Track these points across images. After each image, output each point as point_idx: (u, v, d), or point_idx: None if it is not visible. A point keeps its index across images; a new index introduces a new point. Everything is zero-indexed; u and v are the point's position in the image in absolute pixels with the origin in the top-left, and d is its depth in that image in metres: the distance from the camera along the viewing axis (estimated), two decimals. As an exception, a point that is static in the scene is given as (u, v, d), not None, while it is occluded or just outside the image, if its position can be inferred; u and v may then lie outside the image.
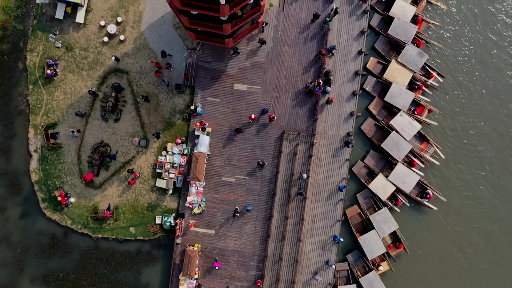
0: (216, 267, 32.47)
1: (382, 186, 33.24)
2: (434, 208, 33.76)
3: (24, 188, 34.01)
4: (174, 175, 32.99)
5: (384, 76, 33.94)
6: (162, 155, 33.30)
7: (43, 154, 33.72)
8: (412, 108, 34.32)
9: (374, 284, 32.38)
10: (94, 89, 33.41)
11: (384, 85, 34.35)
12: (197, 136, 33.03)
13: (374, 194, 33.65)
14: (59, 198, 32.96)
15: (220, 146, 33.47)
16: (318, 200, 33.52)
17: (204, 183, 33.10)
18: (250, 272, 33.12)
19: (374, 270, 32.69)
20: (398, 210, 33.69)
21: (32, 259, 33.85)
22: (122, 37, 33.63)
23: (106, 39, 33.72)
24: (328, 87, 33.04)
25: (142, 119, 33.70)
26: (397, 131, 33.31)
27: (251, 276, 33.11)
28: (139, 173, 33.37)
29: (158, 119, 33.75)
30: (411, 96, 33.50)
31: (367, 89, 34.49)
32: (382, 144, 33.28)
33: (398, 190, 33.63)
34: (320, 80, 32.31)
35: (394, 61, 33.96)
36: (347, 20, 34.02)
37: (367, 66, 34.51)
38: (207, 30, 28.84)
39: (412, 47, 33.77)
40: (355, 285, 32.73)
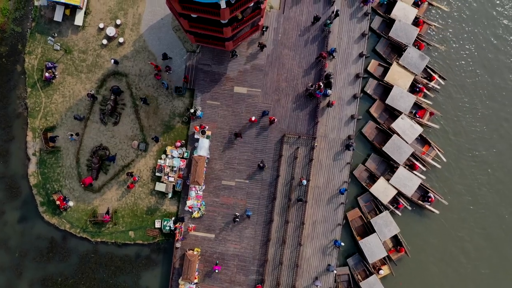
0: (216, 270, 32.65)
1: (383, 190, 33.43)
2: (436, 211, 33.94)
3: (23, 191, 34.23)
4: (173, 178, 33.20)
5: (385, 78, 34.12)
6: (161, 159, 33.51)
7: (41, 158, 33.96)
8: (413, 111, 34.48)
9: (375, 288, 32.62)
10: (93, 92, 33.62)
11: (385, 87, 34.53)
12: (196, 140, 33.22)
13: (375, 198, 33.85)
14: (58, 202, 33.17)
15: (220, 150, 33.71)
16: (318, 204, 33.75)
17: (203, 187, 33.33)
18: (250, 277, 33.33)
19: (375, 274, 32.89)
20: (399, 214, 33.86)
21: (30, 263, 34.06)
22: (121, 39, 33.88)
23: (105, 41, 33.95)
24: (328, 90, 33.26)
25: (142, 122, 33.94)
26: (398, 134, 33.49)
27: (251, 280, 33.31)
28: (138, 176, 33.61)
29: (157, 122, 33.99)
30: (412, 99, 33.69)
31: (368, 91, 34.67)
32: (383, 147, 33.47)
33: (399, 194, 33.79)
34: (321, 83, 32.52)
35: (395, 63, 34.16)
36: (348, 23, 34.25)
37: (368, 68, 34.71)
38: (207, 33, 29.08)
39: (414, 49, 33.96)
40: (356, 289, 33.03)
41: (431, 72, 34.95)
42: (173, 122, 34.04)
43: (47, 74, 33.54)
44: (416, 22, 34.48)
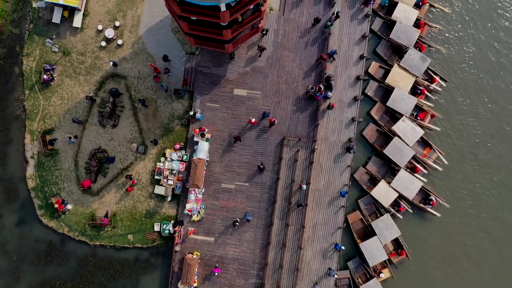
0: (215, 273, 32.85)
1: (384, 193, 33.64)
2: (438, 214, 34.13)
3: (21, 195, 34.37)
4: (172, 181, 33.40)
5: (386, 80, 34.35)
6: (160, 162, 33.72)
7: (39, 160, 34.17)
8: (414, 113, 34.69)
9: (375, 292, 32.86)
10: (92, 94, 33.80)
11: (386, 90, 34.76)
12: (196, 142, 33.40)
13: (376, 200, 34.09)
14: (56, 205, 33.32)
15: (220, 152, 33.94)
16: (319, 207, 33.99)
17: (203, 190, 33.55)
18: (250, 280, 33.55)
19: (376, 278, 33.11)
20: (401, 217, 34.07)
21: (28, 267, 34.22)
22: (120, 41, 34.08)
23: (103, 43, 34.15)
24: (329, 92, 33.48)
25: (140, 125, 34.15)
26: (399, 137, 33.70)
27: (251, 284, 33.52)
28: (137, 179, 33.84)
29: (156, 125, 34.20)
30: (413, 101, 33.92)
31: (369, 94, 34.89)
32: (384, 150, 33.68)
33: (400, 197, 34.00)
34: (321, 86, 32.74)
35: (396, 65, 34.38)
36: (348, 24, 34.48)
37: (369, 70, 34.93)
38: (207, 36, 29.31)
39: (415, 51, 34.19)
40: (357, 293, 33.27)
41: (432, 74, 35.17)
42: (172, 125, 34.27)
43: (45, 76, 33.72)
44: (417, 24, 34.67)
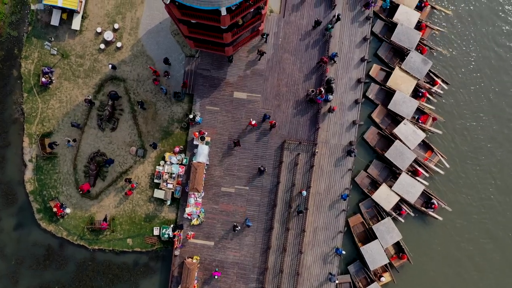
0: (215, 277, 33.04)
1: (385, 197, 33.82)
2: (440, 218, 34.31)
3: (19, 198, 34.62)
4: (172, 185, 33.62)
5: (387, 83, 34.52)
6: (160, 165, 33.94)
7: (38, 164, 34.40)
8: (416, 116, 34.87)
9: (376, 296, 33.09)
10: (90, 97, 34.04)
11: (387, 92, 34.95)
12: (195, 146, 33.61)
13: (377, 204, 34.28)
14: (55, 209, 33.54)
15: (219, 156, 34.16)
16: (319, 211, 34.20)
17: (203, 194, 33.77)
18: (250, 285, 33.73)
19: (376, 282, 33.30)
20: (402, 221, 34.24)
21: (27, 271, 34.47)
22: (119, 44, 34.30)
23: (102, 46, 34.36)
24: (330, 95, 33.66)
25: (140, 128, 34.38)
26: (400, 140, 33.88)
27: (251, 288, 33.86)
28: (136, 183, 34.06)
29: (155, 128, 34.43)
30: (415, 104, 34.10)
31: (370, 96, 35.08)
32: (385, 153, 33.86)
33: (402, 200, 34.22)
34: (322, 89, 32.94)
35: (397, 68, 34.55)
36: (349, 27, 34.68)
37: (370, 73, 35.11)
38: (207, 39, 29.55)
39: (416, 54, 34.36)
40: (358, 297, 33.50)
41: (434, 77, 35.36)
42: (171, 128, 34.50)
43: (43, 79, 33.94)
44: (419, 26, 34.83)
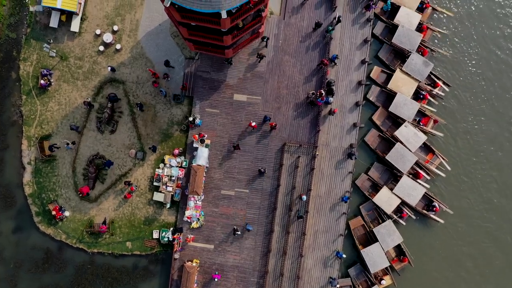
0: (215, 279, 33.19)
1: (386, 199, 33.93)
2: (441, 221, 34.43)
3: (17, 201, 34.76)
4: (172, 188, 33.79)
5: (388, 85, 34.65)
6: (159, 168, 34.08)
7: (37, 167, 34.53)
8: (417, 119, 35.00)
9: (377, 300, 33.26)
10: (90, 99, 34.17)
11: (388, 94, 35.08)
12: (195, 148, 33.73)
13: (378, 207, 34.40)
14: (54, 212, 33.66)
15: (219, 158, 34.31)
16: (320, 214, 34.36)
17: (202, 197, 33.90)
18: (250, 288, 34.04)
19: (377, 285, 33.44)
20: (403, 223, 34.37)
21: (25, 274, 34.59)
22: (118, 46, 34.43)
23: (101, 48, 34.51)
24: (330, 98, 33.81)
25: (139, 131, 34.54)
26: (401, 143, 33.98)
27: (251, 292, 34.01)
28: (136, 186, 34.21)
29: (155, 131, 34.59)
30: (416, 106, 34.22)
31: (370, 98, 35.23)
32: (386, 156, 33.98)
33: (403, 203, 34.34)
34: (322, 91, 33.10)
35: (398, 70, 34.68)
36: (350, 29, 34.85)
37: (371, 75, 35.24)
38: (207, 41, 29.71)
39: (417, 56, 34.50)
40: (358, 301, 33.65)
41: (435, 79, 35.46)
42: (171, 131, 34.66)
43: (42, 82, 34.10)
44: (420, 28, 34.97)
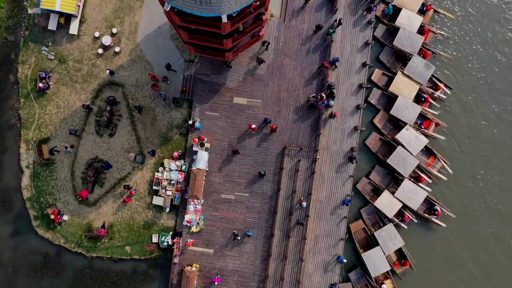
0: (215, 283, 33.36)
1: (388, 203, 34.08)
2: (443, 225, 34.63)
3: (16, 205, 34.92)
4: (171, 192, 33.95)
5: (389, 88, 34.79)
6: (159, 172, 34.25)
7: (35, 170, 34.71)
8: (418, 122, 35.22)
9: (378, 304, 33.46)
10: (88, 102, 34.30)
11: (389, 97, 35.24)
12: (195, 152, 33.91)
13: (379, 210, 34.55)
14: (52, 216, 33.81)
15: (219, 162, 34.49)
16: (320, 218, 34.55)
17: (202, 201, 34.08)
18: (250, 293, 34.22)
19: (378, 289, 33.83)
20: (405, 227, 34.54)
21: (23, 279, 34.74)
22: (117, 48, 34.60)
23: (100, 50, 34.67)
24: (331, 101, 33.96)
25: (138, 134, 34.71)
26: (403, 146, 34.19)
27: (252, 297, 34.20)
28: (135, 190, 34.40)
29: (154, 134, 34.77)
30: (418, 109, 34.41)
31: (372, 101, 35.39)
32: (387, 160, 34.15)
33: (405, 207, 34.51)
34: (323, 94, 33.30)
35: (400, 73, 34.85)
36: (351, 31, 35.02)
37: (372, 78, 35.41)
38: (207, 45, 29.92)
39: (419, 58, 34.69)
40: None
41: (437, 82, 35.62)
42: (170, 134, 34.84)
43: (41, 85, 34.26)
44: (421, 30, 35.13)
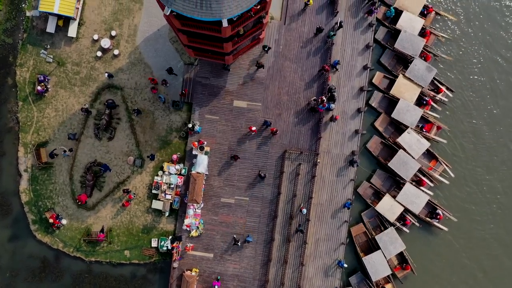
0: (215, 287, 33.48)
1: (389, 207, 34.20)
2: (445, 228, 34.76)
3: (14, 209, 35.04)
4: (170, 196, 34.12)
5: (391, 91, 34.95)
6: (158, 175, 34.38)
7: (33, 174, 34.86)
8: (420, 125, 35.33)
9: (379, 309, 33.61)
10: (87, 106, 34.42)
11: (390, 100, 35.39)
12: (194, 156, 34.06)
13: (379, 214, 34.66)
14: (51, 220, 33.86)
15: (219, 166, 34.64)
16: (321, 222, 34.72)
17: (202, 205, 34.22)
18: (250, 298, 34.38)
19: (378, 293, 34.01)
20: (407, 231, 34.64)
21: (22, 283, 34.87)
22: (116, 51, 34.75)
23: (99, 53, 34.82)
24: (332, 104, 34.12)
25: (137, 138, 34.87)
26: (404, 149, 34.32)
27: (252, 302, 34.34)
28: (134, 194, 34.57)
29: (154, 138, 34.93)
30: (419, 112, 34.52)
31: (373, 104, 35.55)
32: (389, 163, 34.25)
33: (406, 210, 34.64)
34: (324, 97, 33.42)
35: (401, 76, 34.99)
36: (351, 34, 35.17)
37: (373, 81, 35.55)
38: (207, 48, 30.11)
39: (420, 61, 34.83)
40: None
41: (439, 84, 35.77)
42: (170, 137, 35.00)
43: (39, 88, 34.40)
44: (423, 33, 35.30)
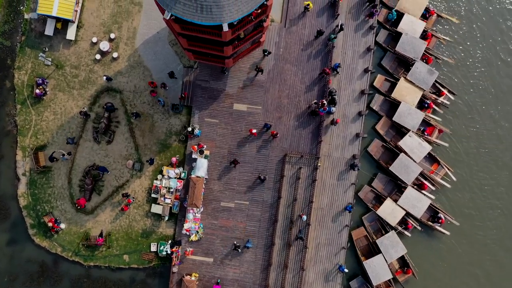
0: (216, 290, 33.89)
1: (391, 211, 34.34)
2: (447, 232, 34.92)
3: (12, 213, 35.15)
4: (170, 200, 34.25)
5: (392, 94, 35.08)
6: (157, 179, 34.51)
7: (31, 178, 34.98)
8: (421, 128, 35.46)
9: (379, 313, 33.76)
10: (86, 109, 34.51)
11: (392, 104, 35.52)
12: (194, 159, 34.19)
13: (380, 217, 34.81)
14: (49, 224, 34.00)
15: (219, 170, 34.78)
16: (322, 226, 34.85)
17: (202, 209, 34.36)
18: (250, 303, 34.51)
19: (380, 298, 34.18)
20: (409, 235, 34.78)
21: (20, 288, 35.28)
22: (115, 54, 34.87)
23: (98, 56, 34.96)
24: (332, 107, 34.27)
25: (136, 141, 35.01)
26: (406, 153, 34.45)
27: (252, 306, 34.46)
28: (133, 198, 34.70)
29: (153, 141, 35.07)
30: (421, 116, 34.67)
31: (374, 108, 35.67)
32: (390, 167, 34.41)
33: (408, 214, 34.80)
34: (324, 101, 33.57)
35: (402, 79, 35.13)
36: (352, 37, 35.32)
37: (374, 84, 35.66)
38: (207, 51, 30.29)
39: (422, 64, 34.98)
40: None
41: (440, 87, 35.88)
42: (169, 141, 35.15)
43: (37, 91, 34.49)
44: (424, 36, 35.44)
